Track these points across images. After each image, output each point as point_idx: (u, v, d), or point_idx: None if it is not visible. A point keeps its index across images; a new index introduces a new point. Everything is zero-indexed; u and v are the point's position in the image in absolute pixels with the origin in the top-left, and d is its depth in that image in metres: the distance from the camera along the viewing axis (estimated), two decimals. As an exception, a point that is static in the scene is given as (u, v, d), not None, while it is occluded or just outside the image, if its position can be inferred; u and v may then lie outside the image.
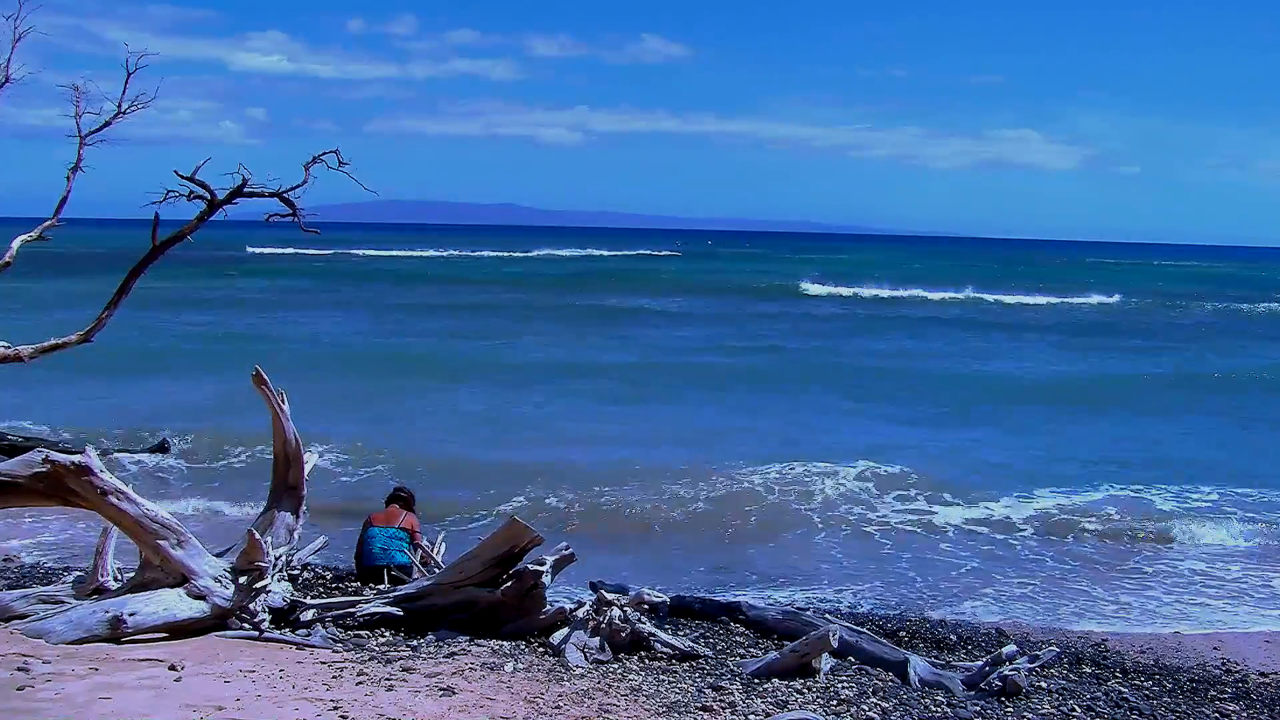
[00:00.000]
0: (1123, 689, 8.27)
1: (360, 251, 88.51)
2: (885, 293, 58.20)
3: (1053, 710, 7.37)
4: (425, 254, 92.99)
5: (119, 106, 10.17)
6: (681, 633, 8.74)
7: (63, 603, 8.04)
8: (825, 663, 7.80)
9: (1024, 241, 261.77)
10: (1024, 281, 66.66)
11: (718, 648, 8.51)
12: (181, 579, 7.91)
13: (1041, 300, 56.33)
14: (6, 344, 10.05)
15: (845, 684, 7.50)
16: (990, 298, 56.43)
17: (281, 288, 52.36)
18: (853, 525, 14.46)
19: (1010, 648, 8.44)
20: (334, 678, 6.92)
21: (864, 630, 8.84)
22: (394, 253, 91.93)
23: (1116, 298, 57.31)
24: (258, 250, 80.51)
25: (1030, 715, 7.25)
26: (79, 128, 10.24)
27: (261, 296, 47.30)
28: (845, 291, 58.64)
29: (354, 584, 9.75)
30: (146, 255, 10.28)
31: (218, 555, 8.42)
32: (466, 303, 46.17)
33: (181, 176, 9.85)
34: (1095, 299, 56.76)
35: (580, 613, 8.14)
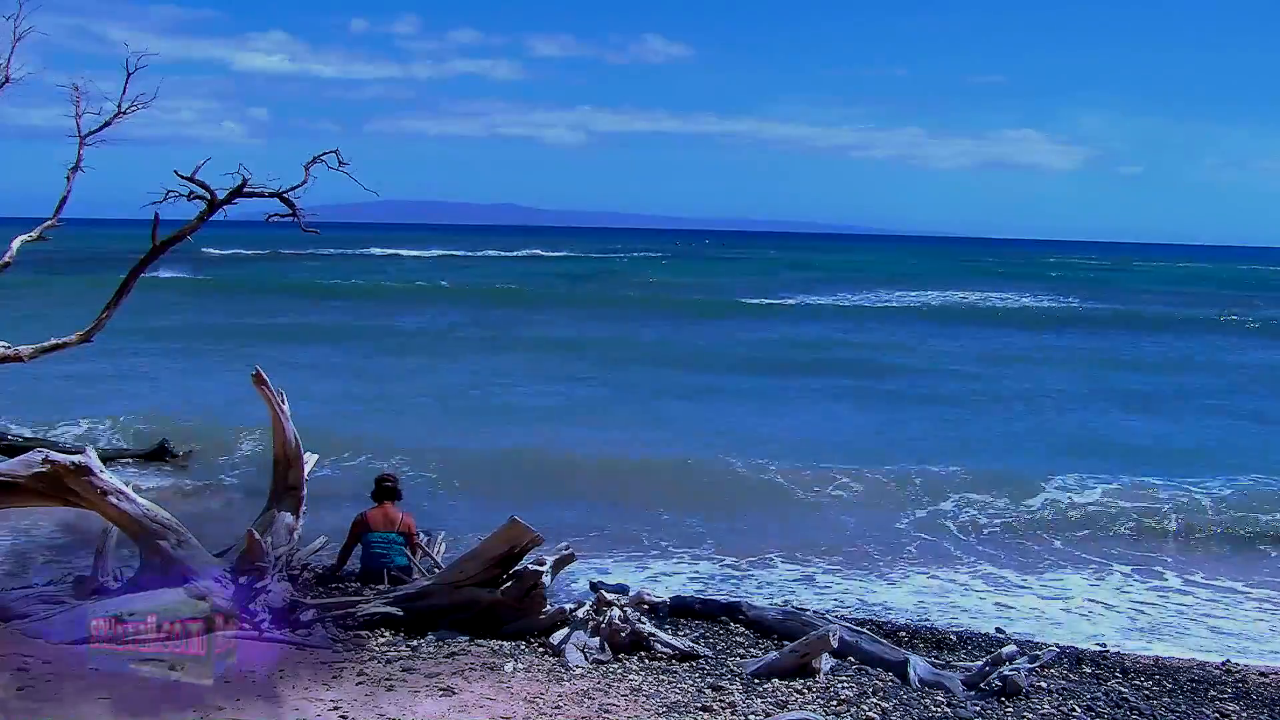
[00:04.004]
0: (1123, 689, 8.27)
1: (291, 251, 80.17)
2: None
3: (1053, 710, 7.37)
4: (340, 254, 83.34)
5: (119, 106, 10.16)
6: (681, 633, 8.74)
7: (63, 603, 8.04)
8: (825, 663, 7.80)
9: (1026, 241, 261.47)
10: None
11: (718, 648, 8.51)
12: (182, 579, 7.91)
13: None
14: (6, 344, 10.04)
15: (845, 684, 7.51)
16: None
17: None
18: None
19: (1010, 648, 8.44)
20: (334, 678, 6.93)
21: (864, 630, 8.84)
22: (331, 251, 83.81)
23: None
24: (216, 252, 72.82)
25: (1030, 715, 7.26)
26: (79, 128, 10.23)
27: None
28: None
29: (354, 584, 9.74)
30: (146, 255, 10.27)
31: (218, 555, 8.43)
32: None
33: (181, 176, 9.84)
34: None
35: (580, 613, 8.15)
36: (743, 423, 21.35)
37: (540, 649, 7.89)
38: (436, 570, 9.35)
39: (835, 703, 7.06)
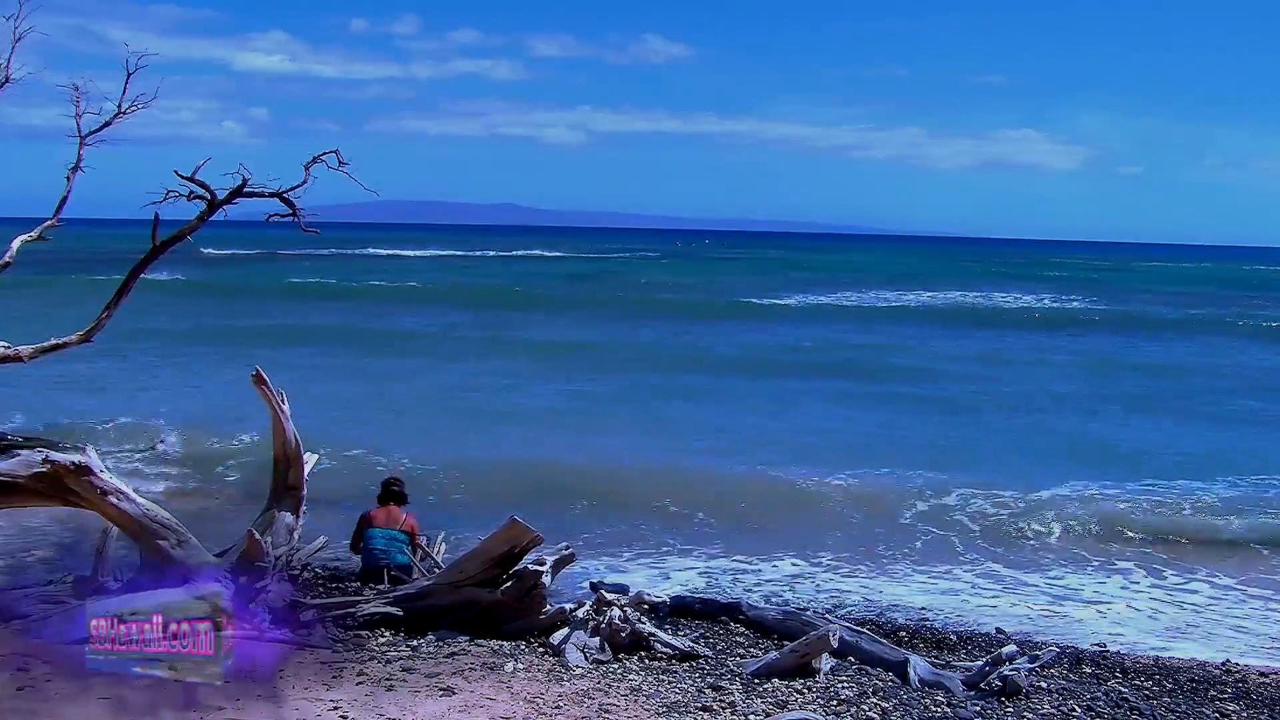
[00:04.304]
0: (1123, 689, 8.27)
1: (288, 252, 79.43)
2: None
3: (1053, 710, 7.37)
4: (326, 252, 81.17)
5: (119, 106, 10.12)
6: (681, 633, 8.74)
7: (63, 603, 8.04)
8: (825, 663, 7.80)
9: (1026, 241, 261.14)
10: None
11: (718, 648, 8.51)
12: (181, 579, 7.91)
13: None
14: (6, 344, 10.02)
15: (845, 684, 7.51)
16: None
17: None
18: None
19: (1010, 648, 8.45)
20: (334, 678, 6.93)
21: (864, 630, 8.85)
22: (330, 251, 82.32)
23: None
24: (215, 252, 71.29)
25: (1030, 715, 7.25)
26: (79, 128, 10.19)
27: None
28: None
29: (354, 584, 9.75)
30: (146, 255, 10.24)
31: (218, 555, 8.43)
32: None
33: (181, 176, 9.81)
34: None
35: (580, 613, 8.15)
36: (745, 424, 21.37)
37: (540, 649, 7.89)
38: (436, 570, 9.35)
39: (835, 703, 7.06)
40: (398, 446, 17.43)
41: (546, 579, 8.24)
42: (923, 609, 11.23)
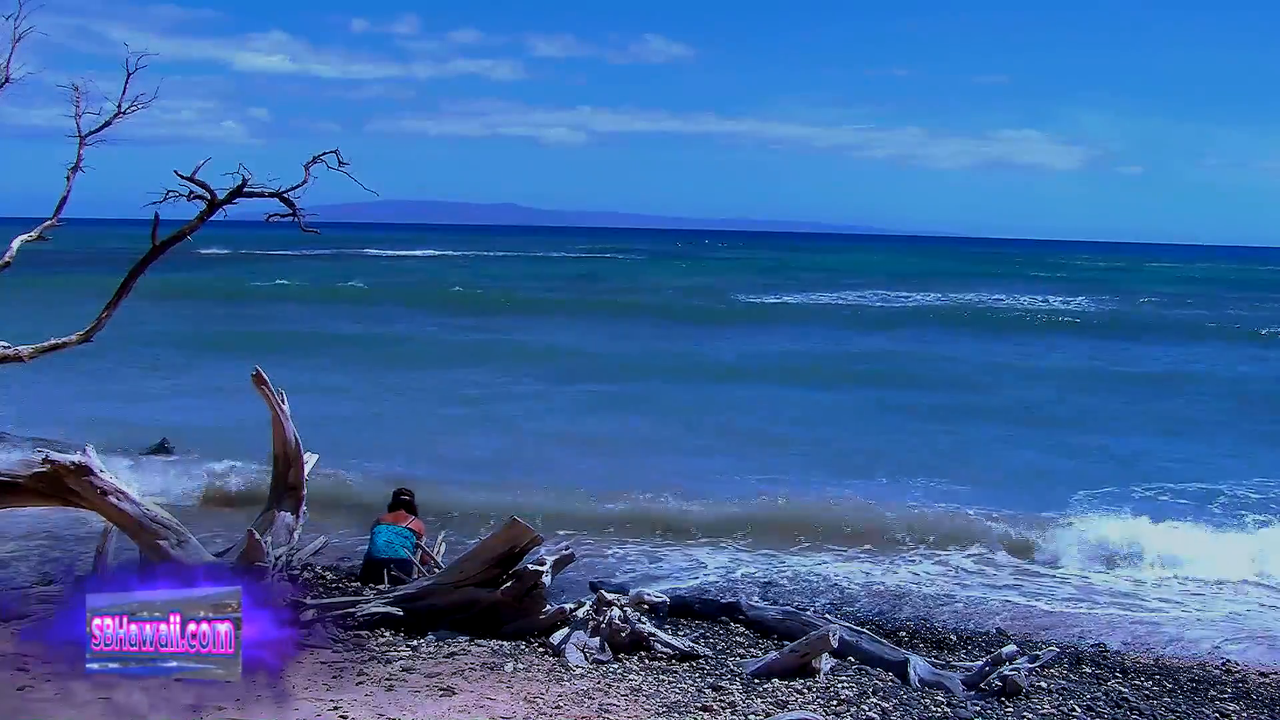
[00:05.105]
0: (1123, 689, 8.27)
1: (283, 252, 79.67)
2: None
3: (1053, 710, 7.37)
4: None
5: (119, 106, 10.12)
6: (681, 633, 8.73)
7: (63, 603, 8.04)
8: (825, 663, 7.80)
9: (1027, 241, 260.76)
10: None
11: (718, 648, 8.51)
12: (182, 579, 7.90)
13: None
14: (6, 344, 10.02)
15: (845, 684, 7.50)
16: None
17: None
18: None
19: (1010, 648, 8.44)
20: (334, 678, 6.93)
21: (864, 630, 8.85)
22: (329, 251, 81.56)
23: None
24: (214, 252, 71.36)
25: (1030, 715, 7.25)
26: (79, 128, 10.19)
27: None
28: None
29: (354, 584, 9.75)
30: (146, 255, 10.25)
31: (217, 555, 8.43)
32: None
33: (181, 176, 9.81)
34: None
35: (580, 613, 8.15)
36: (745, 425, 21.36)
37: (540, 649, 7.89)
38: (436, 570, 9.36)
39: (835, 703, 7.06)
40: (398, 448, 17.45)
41: (546, 579, 8.24)
42: (923, 608, 11.23)
